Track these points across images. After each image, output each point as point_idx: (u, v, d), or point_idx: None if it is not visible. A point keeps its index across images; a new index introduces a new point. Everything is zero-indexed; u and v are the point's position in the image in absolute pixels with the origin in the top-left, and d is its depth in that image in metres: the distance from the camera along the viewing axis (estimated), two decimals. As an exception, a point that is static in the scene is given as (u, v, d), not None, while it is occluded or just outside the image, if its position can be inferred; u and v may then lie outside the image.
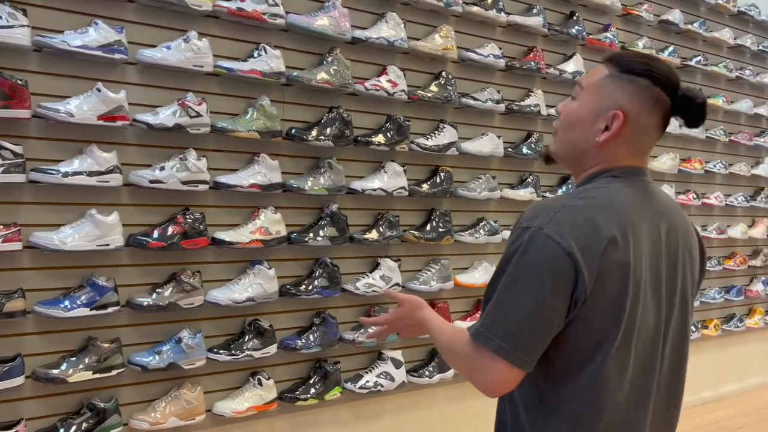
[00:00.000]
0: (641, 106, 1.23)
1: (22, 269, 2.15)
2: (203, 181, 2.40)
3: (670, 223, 1.27)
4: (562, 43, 3.57)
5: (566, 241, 1.12)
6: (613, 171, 1.25)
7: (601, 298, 1.14)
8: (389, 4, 2.91)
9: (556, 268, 1.12)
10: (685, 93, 1.24)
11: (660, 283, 1.23)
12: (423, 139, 3.00)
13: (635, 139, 1.24)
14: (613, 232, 1.15)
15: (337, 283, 2.75)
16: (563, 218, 1.15)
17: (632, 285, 1.16)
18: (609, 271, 1.14)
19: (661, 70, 1.24)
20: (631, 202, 1.22)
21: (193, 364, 2.40)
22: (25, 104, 2.07)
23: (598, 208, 1.18)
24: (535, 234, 1.14)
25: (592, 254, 1.12)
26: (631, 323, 1.18)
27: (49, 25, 2.15)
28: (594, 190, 1.22)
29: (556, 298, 1.12)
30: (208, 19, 2.46)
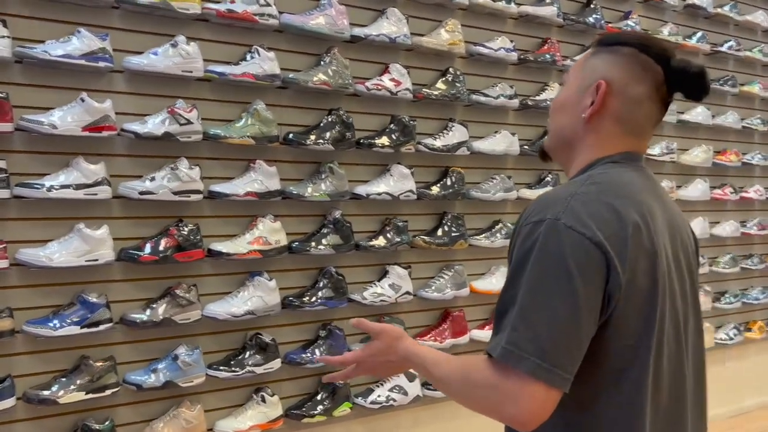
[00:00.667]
0: (627, 73, 1.10)
1: (9, 287, 2.08)
2: (196, 191, 2.31)
3: (669, 210, 1.14)
4: (579, 33, 3.39)
5: (591, 230, 0.97)
6: (612, 157, 1.11)
7: (633, 294, 0.99)
8: (390, 0, 2.78)
9: (584, 262, 0.95)
10: (678, 62, 1.11)
11: (675, 276, 1.09)
12: (431, 140, 2.85)
13: (626, 113, 1.11)
14: (635, 217, 1.01)
15: (343, 293, 2.63)
16: (579, 206, 1.00)
17: (660, 276, 1.02)
18: (638, 261, 0.99)
19: (646, 37, 1.13)
20: (641, 186, 1.10)
21: (192, 382, 2.30)
22: (7, 117, 2.01)
23: (612, 192, 1.03)
24: (552, 226, 0.98)
25: (620, 243, 0.98)
26: (662, 319, 1.03)
27: (32, 35, 2.09)
28: (600, 176, 1.08)
29: (590, 298, 0.96)
30: (198, 23, 2.37)
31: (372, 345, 1.21)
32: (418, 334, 2.89)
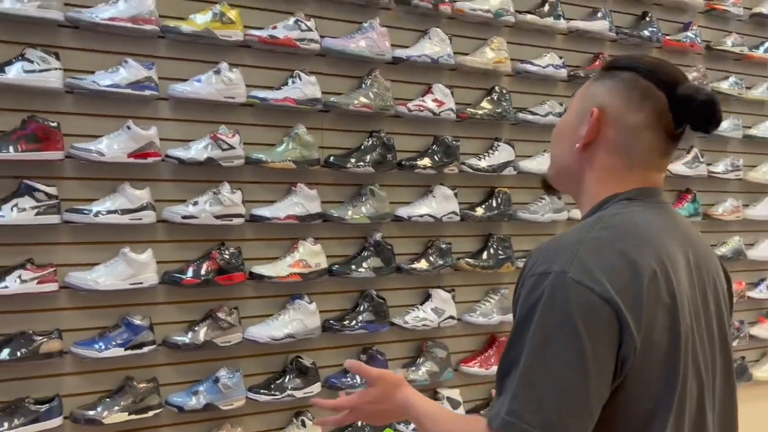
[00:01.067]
0: (624, 100, 1.02)
1: (58, 309, 2.16)
2: (238, 215, 2.33)
3: (696, 250, 1.04)
4: (634, 47, 3.26)
5: (600, 285, 0.88)
6: (625, 194, 1.02)
7: (650, 354, 0.90)
8: (434, 20, 2.75)
9: (594, 321, 0.87)
10: (685, 89, 1.01)
11: (702, 325, 0.99)
12: (475, 160, 2.80)
13: (623, 143, 1.02)
14: (652, 265, 0.92)
15: (384, 316, 2.59)
16: (588, 256, 0.91)
17: (683, 331, 0.93)
18: (656, 316, 0.90)
19: (652, 62, 1.03)
20: (659, 227, 1.00)
21: (232, 405, 2.31)
22: (58, 146, 2.09)
23: (626, 237, 0.95)
24: (558, 280, 0.90)
25: (634, 297, 0.89)
26: (685, 379, 0.93)
27: (82, 66, 2.17)
28: (612, 218, 0.99)
29: (600, 361, 0.87)
30: (240, 49, 2.41)
31: (368, 392, 1.15)
32: (463, 359, 2.82)
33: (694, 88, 1.01)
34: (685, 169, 3.34)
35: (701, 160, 3.39)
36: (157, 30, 2.21)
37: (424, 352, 2.69)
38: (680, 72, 1.04)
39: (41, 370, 2.12)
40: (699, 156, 3.38)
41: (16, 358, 2.02)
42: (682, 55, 3.40)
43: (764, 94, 3.60)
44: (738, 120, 3.52)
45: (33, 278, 2.05)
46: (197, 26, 2.26)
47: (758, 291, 3.61)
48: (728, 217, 3.48)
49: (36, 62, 2.05)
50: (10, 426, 2.01)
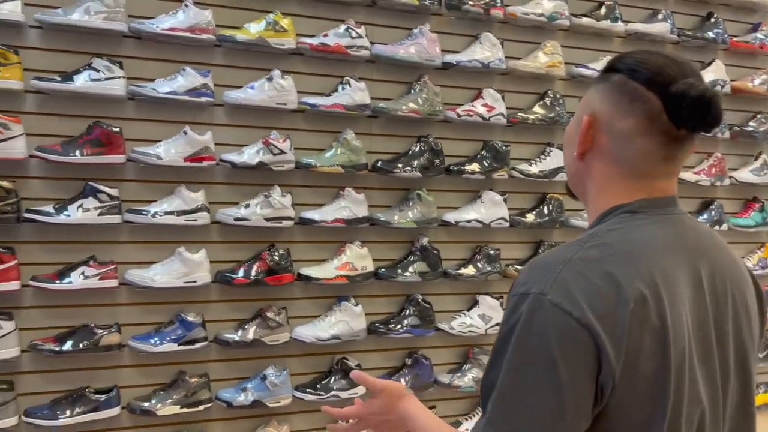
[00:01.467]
0: (613, 105, 0.96)
1: (118, 305, 2.28)
2: (287, 218, 2.40)
3: (712, 264, 0.97)
4: (697, 50, 3.14)
5: (579, 309, 0.84)
6: (630, 205, 0.96)
7: (635, 380, 0.85)
8: (485, 25, 2.74)
9: (571, 347, 0.83)
10: (678, 87, 0.91)
11: (710, 347, 0.93)
12: (526, 165, 2.77)
13: (618, 151, 0.97)
14: (639, 288, 0.86)
15: (429, 321, 2.60)
16: (570, 277, 0.87)
17: (674, 356, 0.87)
18: (641, 341, 0.85)
19: (647, 62, 0.94)
20: (660, 242, 0.93)
21: (278, 402, 2.38)
22: (120, 150, 2.21)
23: (615, 258, 0.89)
24: (536, 302, 0.86)
25: (617, 323, 0.84)
26: (678, 406, 0.88)
27: (143, 74, 2.29)
28: (607, 234, 0.94)
29: (577, 388, 0.84)
30: (293, 57, 2.47)
31: (372, 402, 1.16)
32: (510, 366, 2.78)
33: (687, 84, 0.91)
34: (753, 177, 3.18)
35: (771, 167, 3.22)
36: (213, 39, 2.31)
37: (470, 358, 2.68)
38: (686, 69, 0.95)
39: (101, 362, 2.25)
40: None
41: (79, 349, 2.15)
42: (750, 57, 3.25)
43: (843, 97, 3.38)
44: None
45: (95, 275, 2.18)
46: (251, 35, 2.34)
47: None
48: (800, 228, 3.29)
49: (102, 71, 2.18)
50: (72, 413, 2.14)
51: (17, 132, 2.07)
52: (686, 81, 0.92)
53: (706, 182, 3.08)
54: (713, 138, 3.11)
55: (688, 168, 3.11)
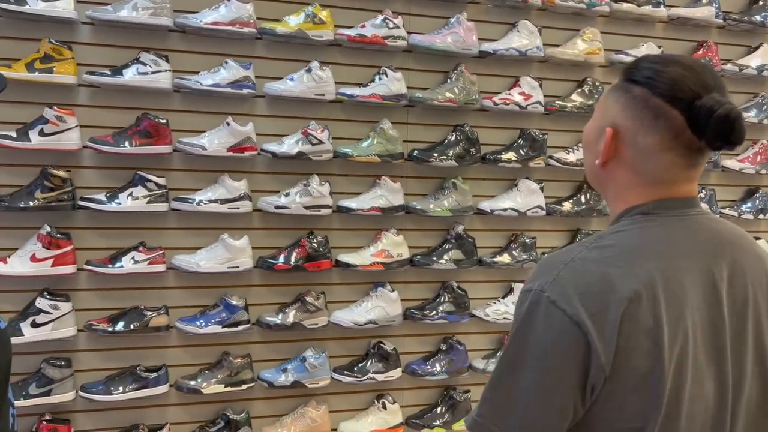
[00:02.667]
0: (636, 120, 0.97)
1: (166, 288, 2.40)
2: (326, 206, 2.47)
3: (730, 264, 0.98)
4: (744, 34, 3.06)
5: (573, 307, 0.90)
6: (642, 207, 0.99)
7: (627, 377, 0.89)
8: (523, 12, 2.73)
9: (562, 343, 0.90)
10: (703, 103, 0.92)
11: (721, 346, 0.95)
12: (563, 154, 2.76)
13: (640, 163, 0.98)
14: (633, 289, 0.90)
15: (464, 308, 2.64)
16: (569, 276, 0.93)
17: (670, 354, 0.90)
18: (633, 340, 0.89)
19: (667, 74, 0.95)
20: (667, 244, 0.96)
21: (317, 384, 2.47)
22: (167, 140, 2.31)
23: (613, 259, 0.93)
24: (536, 299, 0.93)
25: (607, 322, 0.89)
26: (676, 404, 0.91)
27: (188, 67, 2.37)
28: (612, 236, 0.98)
29: (567, 383, 0.90)
30: (331, 48, 2.52)
31: None
32: (545, 353, 2.81)
33: (713, 100, 0.92)
34: (801, 164, 3.09)
35: (820, 155, 3.13)
36: (254, 32, 2.37)
37: (503, 345, 2.71)
38: (707, 81, 0.95)
39: (151, 342, 2.37)
40: (818, 150, 3.12)
41: (130, 330, 2.28)
42: (801, 40, 3.14)
43: None
44: None
45: (145, 259, 2.29)
46: (291, 28, 2.40)
47: None
48: None
49: (149, 65, 2.27)
50: (124, 389, 2.27)
51: (72, 124, 2.19)
52: (712, 97, 0.93)
53: (751, 170, 3.01)
54: (759, 125, 3.04)
55: (732, 155, 3.05)
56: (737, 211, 3.02)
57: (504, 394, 0.94)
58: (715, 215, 1.07)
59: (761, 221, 3.08)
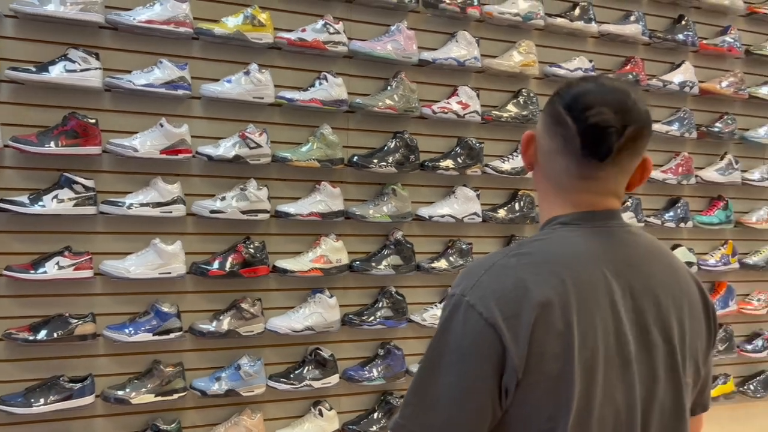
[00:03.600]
0: (543, 126, 1.06)
1: (93, 295, 2.30)
2: (263, 210, 2.43)
3: (642, 276, 1.03)
4: (668, 51, 3.22)
5: (489, 311, 0.94)
6: (564, 218, 1.05)
7: (539, 380, 0.93)
8: (462, 23, 2.78)
9: (479, 346, 0.94)
10: (587, 114, 0.98)
11: (628, 353, 0.99)
12: (499, 162, 2.83)
13: (547, 168, 1.07)
14: (546, 295, 0.94)
15: (402, 313, 2.66)
16: (488, 282, 0.97)
17: (580, 358, 0.94)
18: (545, 344, 0.93)
19: (574, 88, 1.03)
20: (582, 254, 1.01)
21: (252, 392, 2.42)
22: (96, 141, 2.22)
23: (530, 266, 0.98)
24: (457, 303, 0.97)
25: (521, 325, 0.93)
26: (587, 407, 0.95)
27: (120, 66, 2.29)
28: (532, 244, 1.04)
29: (483, 383, 0.94)
30: (271, 51, 2.50)
31: None
32: (480, 358, 2.86)
33: (595, 112, 0.98)
34: (718, 176, 3.28)
35: (736, 167, 3.33)
36: (191, 32, 2.32)
37: (441, 349, 2.75)
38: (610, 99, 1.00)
39: (76, 351, 2.27)
40: (733, 162, 3.32)
41: (53, 338, 2.17)
42: (719, 59, 3.34)
43: (806, 100, 3.50)
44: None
45: (70, 265, 2.19)
46: (229, 29, 2.35)
47: (792, 302, 3.53)
48: (763, 226, 3.40)
49: (78, 62, 2.18)
50: (46, 401, 2.16)
51: (-8, 122, 2.08)
52: (601, 111, 0.98)
53: (673, 180, 3.17)
54: (681, 138, 3.20)
55: (656, 166, 3.20)
56: (660, 220, 3.17)
57: (425, 396, 0.97)
58: (637, 229, 1.12)
59: (683, 229, 3.25)
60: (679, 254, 3.19)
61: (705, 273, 3.28)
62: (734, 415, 3.45)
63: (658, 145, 3.19)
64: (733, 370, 3.42)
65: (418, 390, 0.98)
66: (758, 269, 3.39)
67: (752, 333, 3.49)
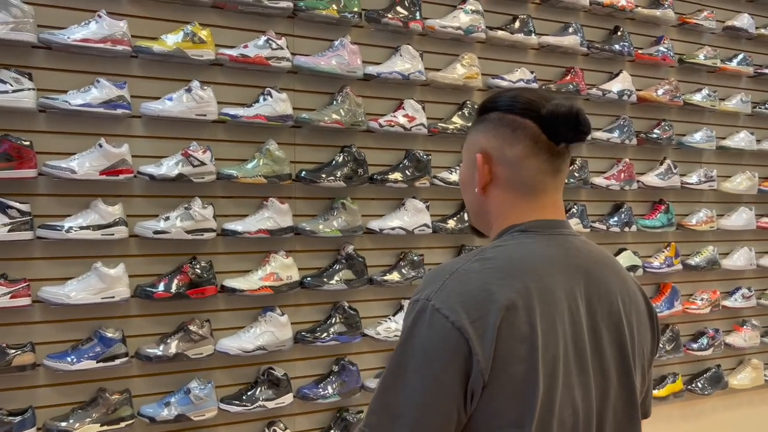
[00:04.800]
0: (499, 139, 1.08)
1: (32, 323, 2.21)
2: (209, 230, 2.38)
3: (596, 282, 1.07)
4: (605, 61, 3.32)
5: (456, 314, 0.94)
6: (522, 225, 1.07)
7: (505, 382, 0.94)
8: (405, 37, 2.81)
9: (446, 349, 0.94)
10: (548, 110, 1.05)
11: (584, 357, 1.02)
12: (447, 173, 2.85)
13: (513, 176, 1.08)
14: (510, 298, 0.96)
15: (356, 327, 2.64)
16: (453, 286, 0.98)
17: (543, 360, 0.96)
18: (510, 346, 0.94)
19: (515, 96, 1.09)
20: (541, 259, 1.03)
21: (203, 416, 2.36)
22: (31, 164, 2.15)
23: (494, 270, 0.99)
24: (422, 307, 0.97)
25: (487, 328, 0.93)
26: (549, 409, 0.96)
27: (55, 86, 2.23)
28: (493, 250, 1.05)
29: (450, 387, 0.93)
30: (213, 68, 2.47)
31: None
32: (436, 369, 2.86)
33: (554, 104, 1.05)
34: (658, 180, 3.39)
35: (674, 171, 3.44)
36: (129, 50, 2.27)
37: (396, 362, 2.74)
38: (542, 94, 1.09)
39: (15, 383, 2.17)
40: (672, 167, 3.44)
41: (-11, 371, 2.07)
42: (654, 68, 3.46)
43: (737, 105, 3.66)
44: (711, 131, 3.58)
45: (6, 293, 2.10)
46: (168, 46, 2.32)
47: (733, 300, 3.66)
48: (702, 228, 3.53)
49: (9, 83, 2.11)
50: (-18, 438, 2.05)
51: None
52: (552, 103, 1.07)
53: (616, 186, 3.26)
54: (622, 145, 3.30)
55: (599, 173, 3.28)
56: (606, 225, 3.24)
57: (390, 402, 0.96)
58: (583, 237, 1.15)
59: (627, 233, 3.34)
60: (625, 258, 3.27)
61: (650, 275, 3.38)
62: (684, 413, 3.54)
63: (600, 152, 3.28)
64: (681, 369, 3.52)
65: (383, 396, 0.97)
66: (700, 270, 3.50)
67: (697, 332, 3.60)
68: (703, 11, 3.60)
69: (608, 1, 3.24)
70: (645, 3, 3.44)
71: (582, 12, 3.26)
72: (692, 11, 3.60)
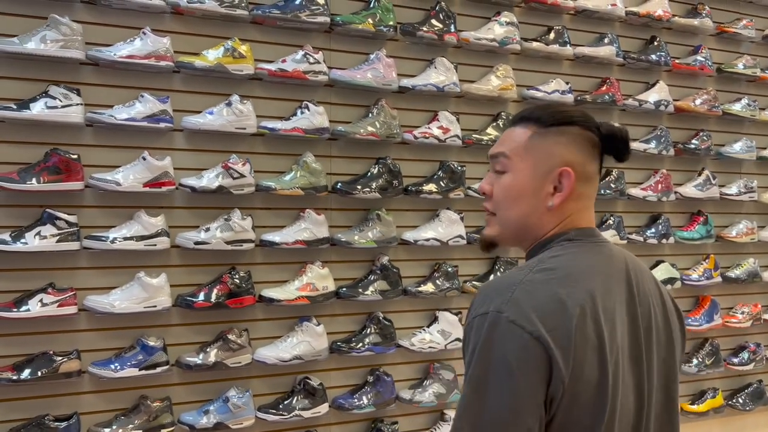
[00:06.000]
0: (582, 154, 1.11)
1: (78, 331, 2.27)
2: (248, 240, 2.43)
3: (639, 286, 1.09)
4: (643, 72, 3.29)
5: (533, 324, 0.95)
6: (567, 234, 1.09)
7: (581, 389, 0.95)
8: (440, 50, 2.83)
9: (526, 360, 0.94)
10: (608, 129, 1.13)
11: (640, 359, 1.04)
12: (481, 185, 2.85)
13: (583, 191, 1.12)
14: (580, 305, 0.98)
15: (391, 338, 2.65)
16: (523, 297, 0.98)
17: (611, 366, 0.98)
18: (584, 353, 0.96)
19: (578, 112, 1.14)
20: (595, 267, 1.06)
21: (241, 424, 2.39)
22: (78, 177, 2.22)
23: (558, 280, 1.01)
24: (494, 320, 0.97)
25: (563, 336, 0.95)
26: (613, 413, 0.98)
27: (102, 101, 2.30)
28: (550, 260, 1.06)
29: (532, 397, 0.94)
30: (252, 82, 2.52)
31: None
32: (470, 381, 2.85)
33: (609, 125, 1.14)
34: (696, 192, 3.34)
35: (713, 182, 3.39)
36: (171, 66, 2.34)
37: (431, 373, 2.74)
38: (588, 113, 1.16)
39: (61, 389, 2.24)
40: (711, 178, 3.38)
41: (37, 377, 2.14)
42: (691, 78, 3.42)
43: (778, 115, 3.59)
44: (751, 142, 3.51)
45: (54, 301, 2.17)
46: (209, 62, 2.38)
47: (775, 313, 3.57)
48: (742, 239, 3.46)
49: (59, 98, 2.19)
50: (30, 442, 2.12)
51: (-28, 160, 2.07)
52: (606, 123, 1.15)
53: (653, 198, 3.22)
54: (659, 155, 3.26)
55: (636, 184, 3.25)
56: (643, 236, 3.20)
57: (474, 419, 0.95)
58: (612, 243, 1.18)
59: (665, 245, 3.29)
60: (663, 270, 3.23)
61: (689, 288, 3.32)
62: (725, 429, 3.46)
63: (637, 163, 3.25)
64: (722, 384, 3.44)
65: (466, 415, 0.96)
66: (740, 282, 3.43)
67: (738, 346, 3.52)
68: (741, 20, 3.55)
69: (644, 11, 3.22)
70: (682, 12, 3.40)
71: (618, 22, 3.24)
72: (731, 20, 3.55)
